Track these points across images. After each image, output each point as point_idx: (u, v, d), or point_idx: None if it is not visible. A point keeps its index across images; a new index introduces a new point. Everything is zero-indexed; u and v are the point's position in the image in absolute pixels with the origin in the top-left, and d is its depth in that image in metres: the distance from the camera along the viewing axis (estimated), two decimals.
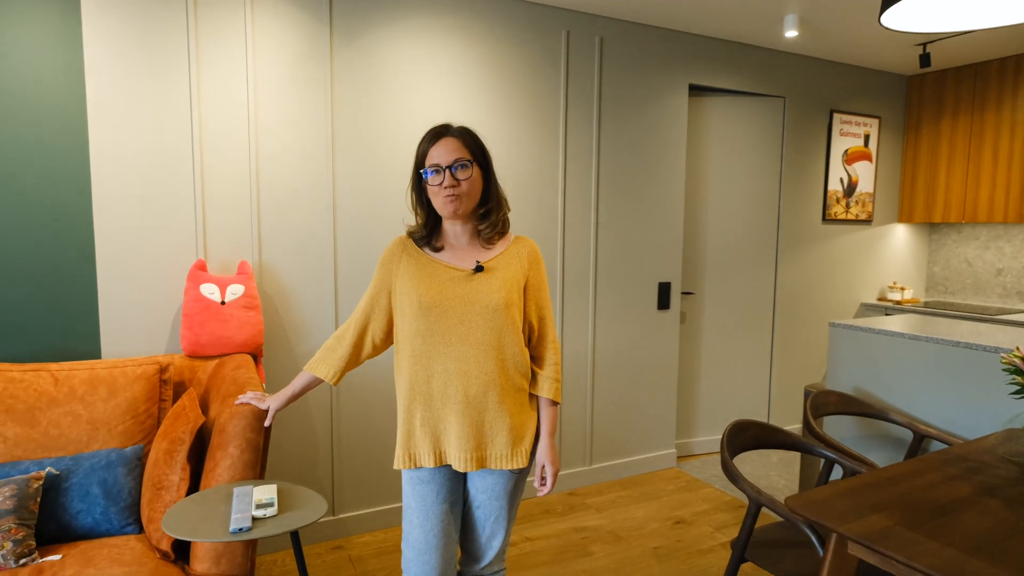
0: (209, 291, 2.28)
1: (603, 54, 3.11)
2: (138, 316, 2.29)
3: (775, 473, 3.49)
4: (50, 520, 1.80)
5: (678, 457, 3.71)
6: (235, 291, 2.31)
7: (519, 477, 1.65)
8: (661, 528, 2.86)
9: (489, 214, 1.62)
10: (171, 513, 1.51)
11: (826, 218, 3.97)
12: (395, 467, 1.63)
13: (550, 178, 3.04)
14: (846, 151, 4.01)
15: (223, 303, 2.29)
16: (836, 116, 3.93)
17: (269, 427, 1.77)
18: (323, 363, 1.68)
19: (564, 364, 3.16)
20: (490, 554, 1.67)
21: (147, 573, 1.64)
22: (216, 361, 2.26)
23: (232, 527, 1.42)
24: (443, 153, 1.53)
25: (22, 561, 1.67)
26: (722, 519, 2.94)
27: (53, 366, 2.01)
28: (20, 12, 2.05)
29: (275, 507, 1.52)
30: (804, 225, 3.90)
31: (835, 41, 3.47)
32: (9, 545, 1.66)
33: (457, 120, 2.78)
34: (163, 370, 2.14)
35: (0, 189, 2.06)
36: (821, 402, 2.35)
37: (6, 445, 1.87)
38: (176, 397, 2.20)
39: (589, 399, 3.26)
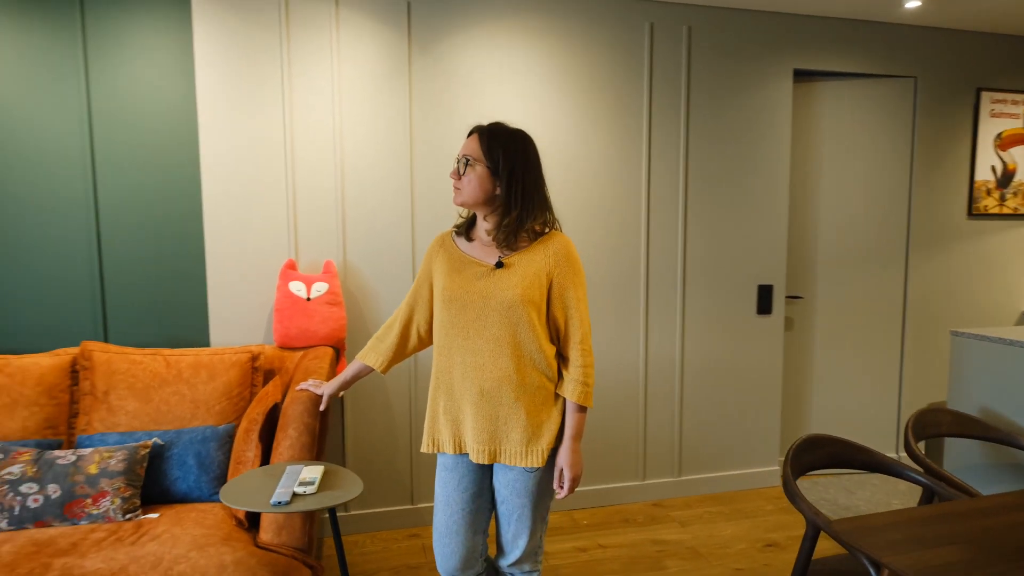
0: (296, 288, 2.50)
1: (691, 45, 2.97)
2: (240, 310, 2.56)
3: (898, 502, 3.09)
4: (153, 484, 2.08)
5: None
6: (319, 288, 2.52)
7: (541, 477, 1.63)
8: (748, 550, 2.65)
9: (507, 222, 1.58)
10: (231, 483, 1.68)
11: (973, 212, 3.45)
12: (421, 450, 1.69)
13: (632, 175, 2.95)
14: (999, 135, 3.46)
15: (308, 299, 2.50)
16: (984, 95, 3.40)
17: (325, 411, 1.91)
18: (372, 352, 1.79)
19: (649, 368, 3.05)
20: (516, 552, 1.67)
21: (222, 536, 1.83)
22: (302, 352, 2.47)
23: (272, 500, 1.55)
24: (463, 147, 1.61)
25: (127, 516, 1.95)
26: (822, 546, 2.66)
27: (166, 351, 2.32)
28: (145, 48, 2.39)
29: (315, 486, 1.63)
30: (944, 221, 3.42)
31: (973, 8, 3.02)
32: (118, 501, 1.94)
33: (534, 120, 2.80)
34: (255, 358, 2.38)
35: (133, 200, 2.42)
36: (930, 421, 2.05)
37: (127, 417, 2.19)
38: (266, 384, 2.44)
39: (677, 407, 3.11)
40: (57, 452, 1.98)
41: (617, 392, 3.02)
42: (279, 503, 1.54)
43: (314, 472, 1.71)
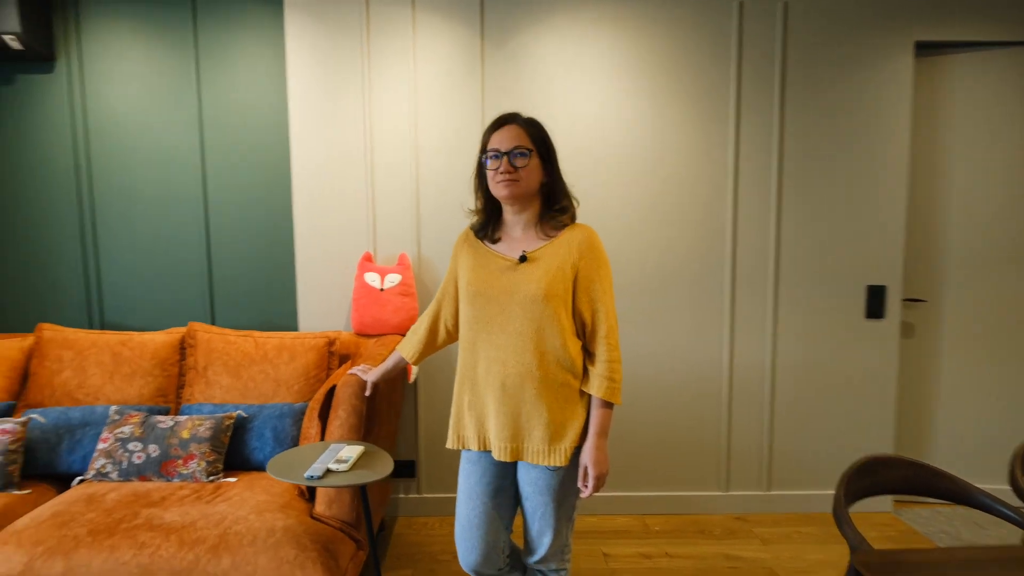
0: (371, 279, 2.64)
1: (787, 23, 2.72)
2: (324, 298, 2.77)
3: None
4: (236, 452, 2.31)
5: (896, 501, 3.03)
6: (392, 280, 2.64)
7: (564, 476, 1.59)
8: None
9: (555, 208, 1.60)
10: (280, 456, 1.83)
11: None
12: (447, 446, 1.72)
13: (717, 165, 2.77)
14: None
15: (382, 290, 2.64)
16: None
17: (372, 396, 2.00)
18: (406, 344, 1.85)
19: (734, 371, 2.85)
20: (541, 550, 1.65)
21: (282, 503, 2.00)
22: (375, 339, 2.61)
23: (306, 474, 1.67)
24: (503, 140, 1.56)
25: (210, 477, 2.19)
26: None
27: (256, 334, 2.56)
28: (246, 61, 2.66)
29: (348, 464, 1.73)
30: None
31: None
32: (203, 464, 2.19)
33: (608, 110, 2.72)
34: (331, 343, 2.56)
35: (235, 197, 2.71)
36: None
37: (221, 391, 2.46)
38: (340, 367, 2.61)
39: (767, 416, 2.88)
40: (160, 417, 2.27)
41: (696, 395, 2.86)
42: (311, 477, 1.65)
43: (352, 452, 1.81)
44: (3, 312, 2.72)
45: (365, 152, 2.71)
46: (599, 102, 2.72)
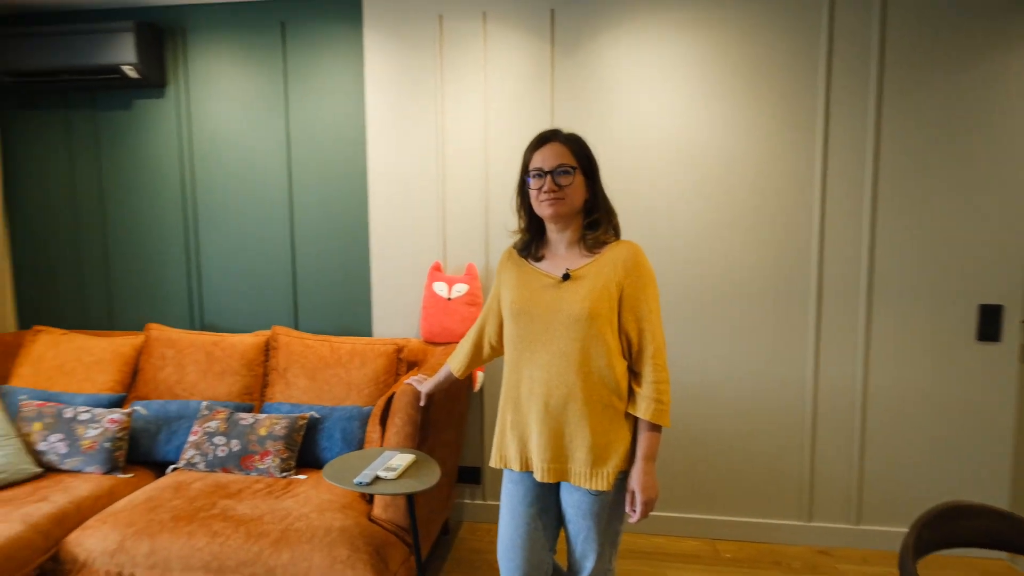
0: (439, 288, 2.71)
1: (886, 13, 2.48)
2: (396, 306, 2.86)
3: None
4: (308, 450, 2.45)
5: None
6: (459, 289, 2.69)
7: (608, 501, 1.56)
8: None
9: (596, 223, 1.58)
10: (336, 461, 1.91)
11: None
12: (490, 464, 1.72)
13: (801, 172, 2.58)
14: None
15: (449, 299, 2.69)
16: None
17: (426, 406, 2.05)
18: (454, 358, 1.88)
19: (819, 394, 2.65)
20: (583, 574, 1.62)
21: (343, 504, 2.10)
22: (442, 347, 2.67)
23: (355, 480, 1.74)
24: (547, 158, 1.55)
25: (283, 473, 2.33)
26: None
27: (333, 338, 2.70)
28: (328, 81, 2.80)
29: (396, 472, 1.78)
30: None
31: None
32: (277, 461, 2.34)
33: (680, 115, 2.62)
34: (400, 350, 2.65)
35: (316, 210, 2.87)
36: None
37: (298, 391, 2.61)
38: (408, 373, 2.69)
39: (857, 445, 2.64)
40: (242, 414, 2.45)
41: (776, 416, 2.68)
42: (359, 483, 1.72)
43: (403, 460, 1.86)
44: (120, 312, 3.04)
45: (437, 164, 2.78)
46: (672, 107, 2.62)
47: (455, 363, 1.87)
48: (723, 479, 2.74)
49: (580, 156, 1.55)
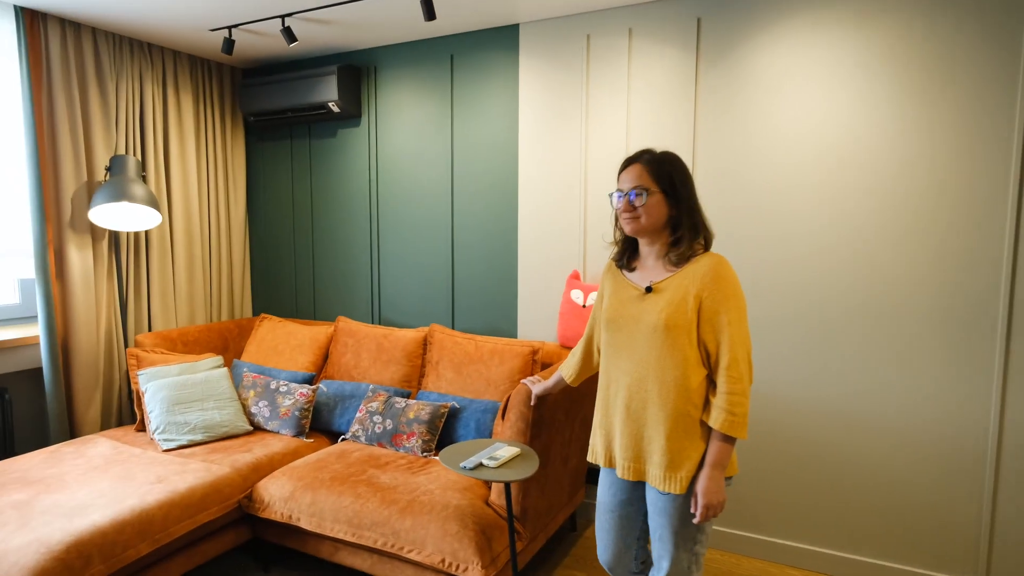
0: (576, 296, 2.83)
1: None
2: (539, 310, 3.05)
3: None
4: (446, 436, 2.74)
5: None
6: (594, 298, 2.79)
7: (682, 504, 1.62)
8: None
9: (679, 240, 1.63)
10: (451, 447, 2.14)
11: None
12: (587, 459, 1.86)
13: (991, 184, 2.22)
14: None
15: (584, 306, 2.80)
16: None
17: (537, 405, 2.19)
18: (566, 365, 2.03)
19: (1004, 436, 2.24)
20: (660, 573, 1.70)
21: (466, 486, 2.34)
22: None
23: (461, 464, 1.95)
24: (626, 180, 1.66)
25: (424, 453, 2.65)
26: None
27: (479, 338, 2.97)
28: (487, 103, 3.09)
29: (498, 462, 1.95)
30: None
31: None
32: (420, 442, 2.67)
33: (845, 122, 2.41)
34: (535, 352, 2.82)
35: (472, 220, 3.17)
36: None
37: (445, 383, 2.93)
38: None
39: (989, 490, 2.21)
40: (397, 399, 2.83)
41: (946, 459, 2.33)
42: (463, 467, 1.93)
43: (508, 452, 2.03)
44: (321, 305, 3.67)
45: (580, 177, 2.91)
46: (833, 112, 2.43)
47: (567, 370, 2.01)
48: (876, 520, 2.46)
49: (660, 177, 1.61)
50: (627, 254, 1.75)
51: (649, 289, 1.64)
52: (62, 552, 1.88)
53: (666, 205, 1.62)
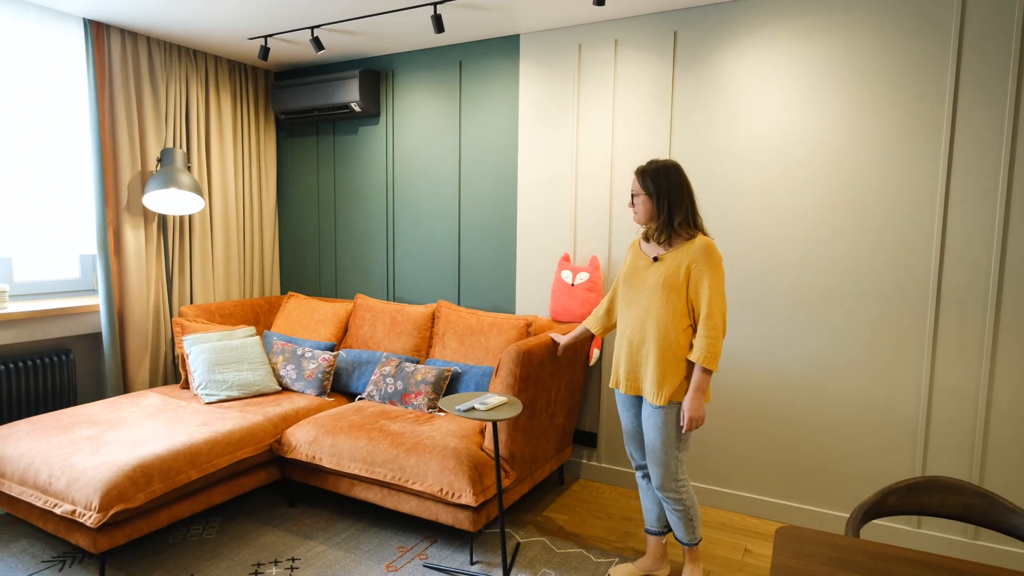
0: (566, 276, 3.20)
1: None
2: (534, 289, 3.42)
3: None
4: (449, 395, 3.13)
5: None
6: (582, 277, 3.16)
7: (665, 415, 2.17)
8: None
9: (663, 228, 2.19)
10: (453, 396, 2.53)
11: None
12: (609, 385, 2.55)
13: (925, 173, 2.55)
14: None
15: (572, 285, 3.17)
16: None
17: (529, 363, 2.57)
18: (592, 320, 2.52)
19: (932, 405, 2.57)
20: (655, 480, 2.25)
21: (464, 433, 2.72)
22: (564, 325, 3.16)
23: (457, 407, 2.33)
24: (632, 185, 2.28)
25: (429, 410, 3.04)
26: None
27: (480, 312, 3.35)
28: (491, 105, 3.47)
29: (487, 407, 2.33)
30: None
31: None
32: (426, 400, 3.06)
33: (800, 123, 2.75)
34: (529, 325, 3.20)
35: (477, 209, 3.55)
36: None
37: (450, 352, 3.32)
38: None
39: (920, 446, 2.52)
40: (408, 364, 3.23)
41: (884, 420, 2.66)
42: (459, 410, 2.31)
43: (496, 400, 2.41)
44: (342, 284, 4.08)
45: (572, 171, 3.28)
46: (791, 114, 2.77)
47: (593, 324, 2.51)
48: (819, 470, 2.80)
49: (643, 183, 2.19)
50: (649, 236, 2.29)
51: (656, 259, 2.20)
52: (129, 471, 2.30)
53: (652, 204, 2.18)
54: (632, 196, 2.24)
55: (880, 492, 1.53)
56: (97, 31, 3.22)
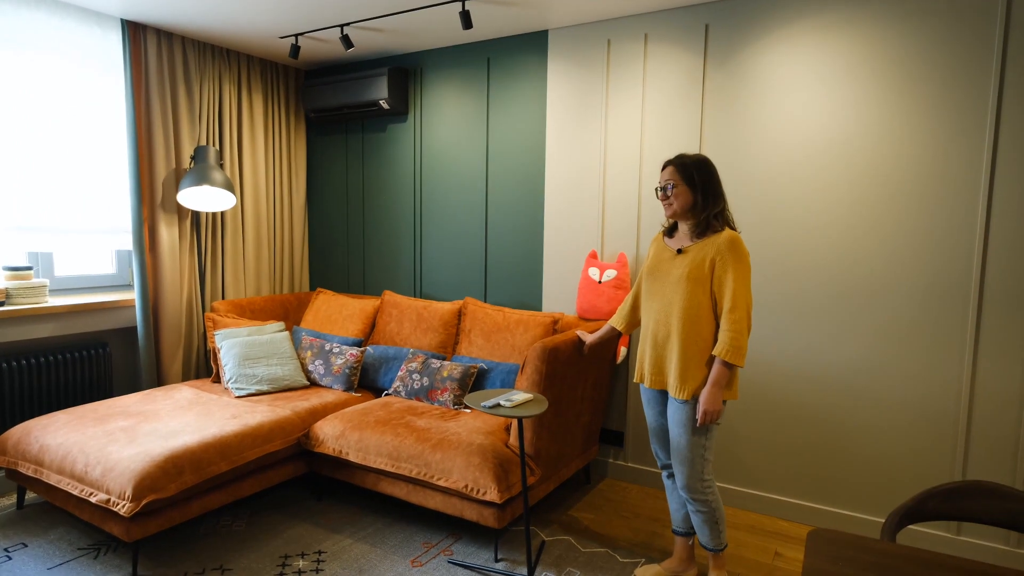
0: (593, 273, 3.17)
1: None
2: (561, 286, 3.40)
3: None
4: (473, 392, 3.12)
5: None
6: (609, 275, 3.12)
7: (690, 411, 2.12)
8: None
9: (702, 220, 2.13)
10: (478, 393, 2.52)
11: None
12: (633, 380, 2.46)
13: (965, 173, 2.45)
14: None
15: (600, 283, 3.14)
16: None
17: (554, 360, 2.55)
18: (617, 318, 2.48)
19: (973, 405, 2.48)
20: (680, 479, 2.19)
21: (489, 430, 2.71)
22: (591, 322, 3.13)
23: (483, 404, 2.32)
24: (662, 177, 2.19)
25: (455, 406, 3.04)
26: None
27: (506, 310, 3.34)
28: (519, 103, 3.45)
29: (512, 404, 2.32)
30: None
31: None
32: (452, 396, 3.06)
33: (835, 118, 2.67)
34: (555, 322, 3.18)
35: (504, 206, 3.54)
36: None
37: (476, 349, 3.31)
38: None
39: (961, 449, 2.42)
40: (434, 360, 3.23)
41: (923, 421, 2.58)
42: (484, 406, 2.30)
43: (522, 397, 2.40)
44: (370, 280, 4.11)
45: (600, 167, 3.24)
46: (825, 110, 2.70)
47: (618, 321, 2.48)
48: (853, 473, 2.72)
49: (684, 174, 2.11)
50: (673, 230, 2.26)
51: (680, 251, 2.16)
52: (162, 461, 2.34)
53: (689, 194, 2.11)
54: (664, 188, 2.14)
55: (919, 496, 1.48)
56: (134, 32, 3.29)
